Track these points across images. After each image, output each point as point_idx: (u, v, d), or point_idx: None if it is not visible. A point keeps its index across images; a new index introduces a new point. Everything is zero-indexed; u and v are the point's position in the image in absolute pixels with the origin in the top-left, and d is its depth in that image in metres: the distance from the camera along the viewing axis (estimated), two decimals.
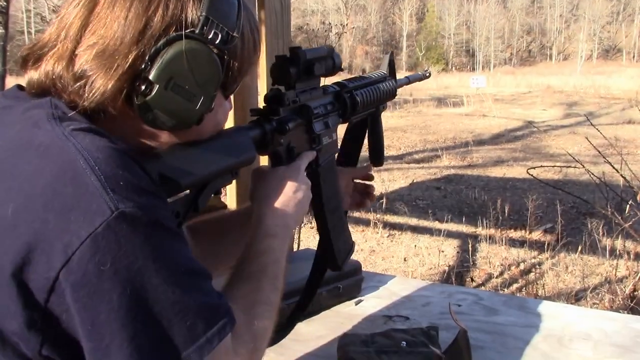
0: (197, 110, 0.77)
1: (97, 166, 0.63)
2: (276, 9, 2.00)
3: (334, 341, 1.34)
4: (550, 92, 22.95)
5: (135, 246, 0.63)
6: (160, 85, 0.73)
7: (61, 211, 0.61)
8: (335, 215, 1.15)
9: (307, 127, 1.06)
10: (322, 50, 1.07)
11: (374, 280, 1.81)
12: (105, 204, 0.62)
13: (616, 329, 1.44)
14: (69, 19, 0.73)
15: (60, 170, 0.63)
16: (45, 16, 19.62)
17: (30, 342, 0.62)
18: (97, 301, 0.61)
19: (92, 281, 0.61)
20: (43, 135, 0.67)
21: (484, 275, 4.51)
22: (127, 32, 0.71)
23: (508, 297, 1.74)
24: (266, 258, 0.89)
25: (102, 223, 0.61)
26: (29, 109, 0.72)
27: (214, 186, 0.87)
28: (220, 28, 0.76)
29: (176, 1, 0.73)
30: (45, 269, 0.60)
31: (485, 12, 70.80)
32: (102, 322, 0.61)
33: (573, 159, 4.52)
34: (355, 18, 64.40)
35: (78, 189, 0.62)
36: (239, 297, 0.81)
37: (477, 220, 5.59)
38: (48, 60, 0.74)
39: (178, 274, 0.67)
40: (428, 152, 10.24)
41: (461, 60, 70.12)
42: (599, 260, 4.53)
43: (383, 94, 1.30)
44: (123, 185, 0.64)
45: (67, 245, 0.60)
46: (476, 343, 1.35)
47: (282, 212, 0.95)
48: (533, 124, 11.77)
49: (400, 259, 4.99)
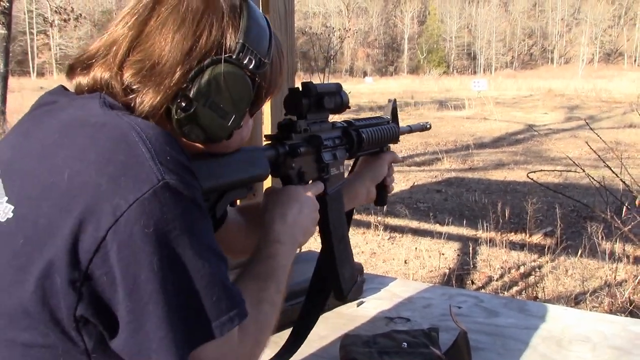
0: (229, 126, 0.84)
1: (149, 140, 0.70)
2: (280, 13, 2.02)
3: (336, 342, 1.36)
4: (551, 95, 22.96)
5: (176, 216, 0.68)
6: (200, 102, 0.80)
7: (113, 176, 0.66)
8: (341, 244, 1.20)
9: (317, 156, 1.13)
10: (331, 85, 1.16)
11: (375, 282, 1.83)
12: (153, 173, 0.67)
13: (615, 331, 1.46)
14: (119, 36, 0.80)
15: (115, 141, 0.69)
16: (47, 17, 19.63)
17: (67, 299, 0.65)
18: (140, 261, 0.65)
19: (137, 242, 0.65)
20: (97, 115, 0.73)
21: (484, 278, 4.52)
22: (173, 53, 0.78)
23: (508, 300, 1.75)
24: (273, 262, 0.94)
25: (149, 189, 0.66)
26: (78, 99, 0.79)
27: (230, 196, 0.94)
28: (255, 54, 0.84)
29: (218, 28, 0.81)
30: (94, 229, 0.65)
31: (486, 15, 70.85)
32: (143, 282, 0.66)
33: (574, 163, 4.54)
34: (356, 21, 64.44)
35: (130, 158, 0.68)
36: (247, 291, 0.84)
37: (477, 223, 5.60)
38: (96, 70, 0.80)
39: (209, 250, 0.72)
40: (429, 155, 10.25)
41: (462, 63, 70.15)
42: (599, 264, 4.54)
43: (387, 136, 1.36)
44: (170, 159, 0.70)
45: (115, 207, 0.65)
46: (476, 345, 1.36)
47: (291, 223, 1.01)
48: (534, 127, 11.79)
49: (401, 262, 5.00)
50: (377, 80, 43.19)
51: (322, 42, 9.22)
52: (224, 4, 0.82)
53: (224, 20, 0.81)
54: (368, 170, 1.36)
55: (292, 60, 2.08)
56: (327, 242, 1.18)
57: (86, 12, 21.75)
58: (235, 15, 0.83)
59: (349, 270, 1.23)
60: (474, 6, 72.16)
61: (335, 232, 1.18)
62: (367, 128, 1.30)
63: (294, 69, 2.15)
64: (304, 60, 33.66)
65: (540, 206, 5.98)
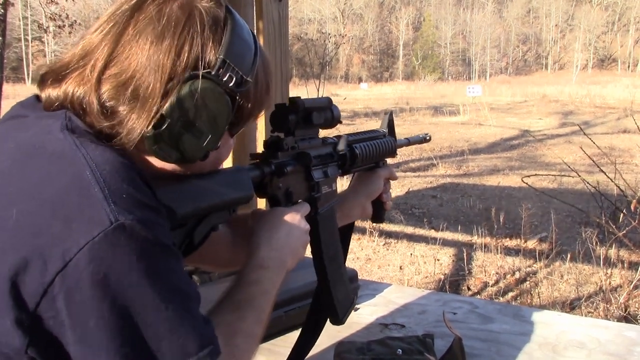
0: (203, 147, 0.79)
1: (103, 178, 0.66)
2: (274, 19, 2.02)
3: (331, 348, 1.35)
4: (545, 101, 23.05)
5: (132, 259, 0.64)
6: (172, 120, 0.75)
7: (65, 219, 0.63)
8: (334, 264, 1.17)
9: (306, 174, 1.09)
10: (321, 100, 1.12)
11: (370, 288, 1.82)
12: (105, 214, 0.63)
13: (610, 337, 1.46)
14: (95, 46, 0.76)
15: (69, 180, 0.66)
16: (42, 23, 19.63)
17: (16, 340, 0.63)
18: (88, 308, 0.62)
19: (85, 289, 0.62)
20: (55, 143, 0.69)
21: (479, 283, 4.52)
22: (150, 68, 0.74)
23: (503, 306, 1.75)
24: (255, 289, 0.90)
25: (100, 233, 0.62)
26: (43, 118, 0.75)
27: (210, 221, 0.89)
28: (236, 72, 0.79)
29: (198, 41, 0.76)
30: (40, 273, 0.62)
31: (481, 21, 71.19)
32: (92, 330, 0.62)
33: (569, 168, 4.55)
34: (351, 27, 64.63)
35: (82, 199, 0.64)
36: (222, 324, 0.80)
37: (472, 228, 5.61)
38: (69, 83, 0.76)
39: (171, 291, 0.68)
40: (424, 160, 10.26)
41: (457, 69, 70.39)
42: (594, 269, 4.55)
43: (382, 150, 1.32)
44: (126, 198, 0.66)
45: (65, 251, 0.62)
46: (471, 351, 1.36)
47: (278, 246, 0.97)
48: (529, 133, 11.82)
49: (396, 268, 4.99)
50: (372, 87, 43.26)
51: (318, 49, 9.24)
52: (206, 17, 0.77)
53: (204, 34, 0.77)
54: (363, 186, 1.33)
55: (286, 67, 2.08)
56: (318, 262, 1.14)
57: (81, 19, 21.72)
58: (217, 29, 0.78)
59: (343, 292, 1.19)
60: (469, 12, 72.51)
61: (327, 252, 1.15)
62: (361, 143, 1.26)
63: (289, 75, 2.15)
64: (300, 67, 33.71)
65: (535, 212, 5.99)
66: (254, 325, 0.86)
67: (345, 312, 1.20)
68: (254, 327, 0.86)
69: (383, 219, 1.38)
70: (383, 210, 1.38)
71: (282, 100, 2.24)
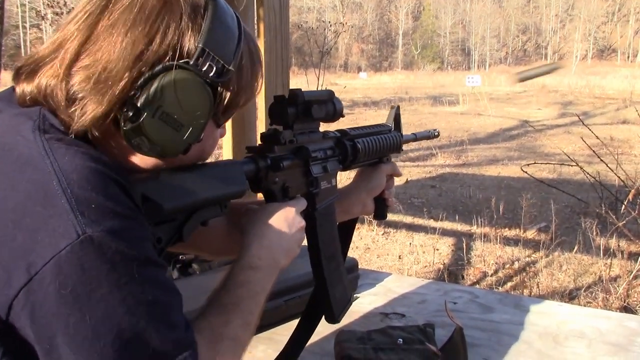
0: (184, 140, 0.76)
1: (70, 188, 0.63)
2: (275, 7, 2.01)
3: (331, 337, 1.35)
4: (545, 91, 22.99)
5: (101, 273, 0.62)
6: (148, 113, 0.72)
7: (29, 230, 0.61)
8: (332, 263, 1.13)
9: (305, 169, 1.06)
10: (322, 93, 1.08)
11: (370, 277, 1.82)
12: (72, 227, 0.61)
13: (610, 327, 1.46)
14: (68, 37, 0.73)
15: (33, 190, 0.63)
16: (40, 10, 19.51)
17: None
18: (54, 324, 0.60)
19: (51, 304, 0.60)
20: (24, 146, 0.66)
21: (478, 273, 4.53)
22: (122, 58, 0.70)
23: (503, 295, 1.75)
24: (243, 291, 0.86)
25: (66, 246, 0.60)
26: (17, 115, 0.72)
27: (200, 216, 0.86)
28: (216, 61, 0.75)
29: (175, 30, 0.73)
30: (5, 286, 0.60)
31: (481, 11, 70.95)
32: (59, 345, 0.61)
33: (568, 158, 4.55)
34: (351, 16, 64.37)
35: (47, 210, 0.61)
36: (206, 328, 0.78)
37: (472, 218, 5.61)
38: (42, 76, 0.73)
39: (143, 304, 0.65)
40: (423, 150, 10.25)
41: (457, 59, 70.22)
42: (593, 259, 4.56)
43: (386, 146, 1.28)
44: (95, 208, 0.63)
45: (30, 265, 0.60)
46: (472, 340, 1.36)
47: (270, 245, 0.93)
48: (528, 123, 11.80)
49: (395, 257, 5.00)
50: (371, 76, 43.15)
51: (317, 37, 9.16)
52: (184, 4, 0.74)
53: (182, 22, 0.73)
54: (364, 181, 1.29)
55: (287, 54, 2.06)
56: (316, 261, 1.11)
57: None
58: (197, 16, 0.75)
59: (340, 291, 1.16)
60: (469, 2, 72.22)
61: (325, 250, 1.11)
62: (364, 138, 1.22)
63: (289, 63, 2.13)
64: (299, 55, 33.60)
65: (534, 202, 5.99)
66: (240, 330, 0.83)
67: (342, 311, 1.17)
68: (240, 332, 0.83)
69: (385, 216, 1.34)
70: (385, 207, 1.34)
71: (283, 87, 2.24)
